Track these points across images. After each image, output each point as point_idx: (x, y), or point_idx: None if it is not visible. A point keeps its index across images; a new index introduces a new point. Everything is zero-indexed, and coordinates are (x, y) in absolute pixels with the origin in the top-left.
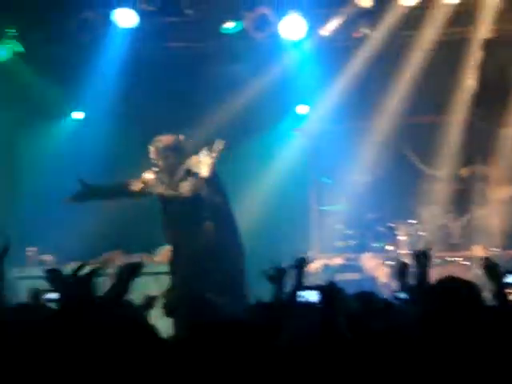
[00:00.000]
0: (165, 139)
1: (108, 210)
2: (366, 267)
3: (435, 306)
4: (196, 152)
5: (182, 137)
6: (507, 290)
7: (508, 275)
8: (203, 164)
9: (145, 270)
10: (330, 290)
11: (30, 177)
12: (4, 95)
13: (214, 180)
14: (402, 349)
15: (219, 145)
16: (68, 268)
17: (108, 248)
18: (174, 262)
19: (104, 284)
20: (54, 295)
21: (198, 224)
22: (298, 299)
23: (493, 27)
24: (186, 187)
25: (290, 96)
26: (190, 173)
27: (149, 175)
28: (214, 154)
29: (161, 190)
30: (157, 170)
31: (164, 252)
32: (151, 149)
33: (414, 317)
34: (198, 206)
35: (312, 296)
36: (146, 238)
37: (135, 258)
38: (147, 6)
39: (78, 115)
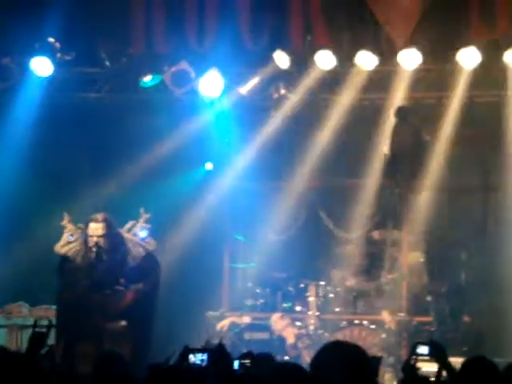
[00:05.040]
0: (108, 217)
1: (13, 260)
2: (275, 327)
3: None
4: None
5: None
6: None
7: (419, 346)
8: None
9: None
10: (218, 353)
11: None
12: None
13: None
14: None
15: (145, 217)
16: None
17: (11, 299)
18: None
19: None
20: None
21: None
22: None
23: (406, 94)
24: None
25: (205, 152)
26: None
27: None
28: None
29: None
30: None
31: None
32: (99, 225)
33: None
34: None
35: (201, 358)
36: (51, 290)
37: (38, 311)
38: (64, 56)
39: None
